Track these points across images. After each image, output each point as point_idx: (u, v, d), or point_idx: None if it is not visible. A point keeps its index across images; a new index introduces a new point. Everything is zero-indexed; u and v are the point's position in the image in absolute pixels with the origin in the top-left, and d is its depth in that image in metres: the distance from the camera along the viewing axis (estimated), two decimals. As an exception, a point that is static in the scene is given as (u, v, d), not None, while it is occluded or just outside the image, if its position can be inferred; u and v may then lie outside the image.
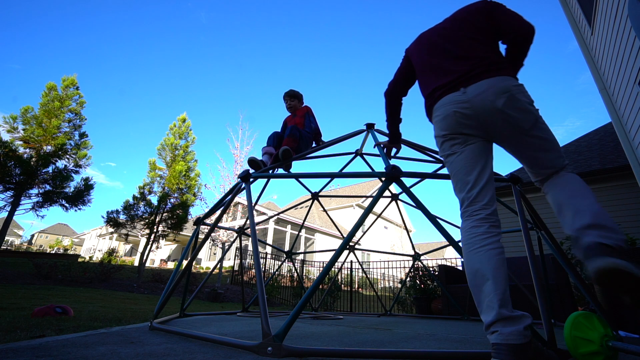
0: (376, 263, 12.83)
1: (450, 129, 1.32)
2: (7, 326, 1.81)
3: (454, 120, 1.30)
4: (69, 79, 11.61)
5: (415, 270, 5.75)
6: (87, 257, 22.02)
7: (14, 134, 10.22)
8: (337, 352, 1.22)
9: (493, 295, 1.04)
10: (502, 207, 7.69)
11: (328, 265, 1.47)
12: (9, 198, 9.71)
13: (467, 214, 1.24)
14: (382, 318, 3.58)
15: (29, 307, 2.98)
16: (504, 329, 0.99)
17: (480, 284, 1.09)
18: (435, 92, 1.39)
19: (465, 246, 1.19)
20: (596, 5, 3.69)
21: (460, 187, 1.29)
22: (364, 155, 3.61)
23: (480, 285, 1.09)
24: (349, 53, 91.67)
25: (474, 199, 1.24)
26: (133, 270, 10.97)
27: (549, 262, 3.43)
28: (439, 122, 1.36)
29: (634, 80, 3.07)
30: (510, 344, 0.96)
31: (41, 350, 1.13)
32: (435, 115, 1.38)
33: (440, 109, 1.35)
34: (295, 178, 3.08)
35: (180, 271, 2.41)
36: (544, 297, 1.40)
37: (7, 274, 6.68)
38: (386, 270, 12.00)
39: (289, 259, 4.41)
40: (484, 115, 1.25)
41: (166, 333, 1.71)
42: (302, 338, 1.68)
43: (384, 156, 2.04)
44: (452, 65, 1.37)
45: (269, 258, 10.39)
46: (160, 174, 12.00)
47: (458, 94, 1.30)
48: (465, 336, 1.87)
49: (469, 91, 1.27)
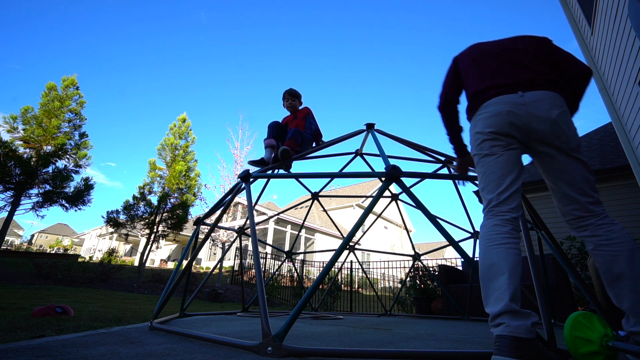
0: (376, 263, 12.83)
1: (497, 127, 1.29)
2: (7, 326, 1.81)
3: (505, 119, 1.28)
4: (69, 79, 11.61)
5: (415, 270, 5.75)
6: (87, 257, 22.02)
7: (14, 134, 10.22)
8: (337, 352, 1.22)
9: (505, 288, 1.03)
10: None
11: (328, 265, 1.47)
12: (9, 198, 9.71)
13: (492, 213, 1.23)
14: (382, 318, 3.58)
15: (29, 307, 2.98)
16: (511, 321, 0.98)
17: (494, 277, 1.08)
18: (488, 90, 1.37)
19: (485, 241, 1.18)
20: (596, 5, 3.68)
21: (490, 188, 1.27)
22: (364, 155, 3.61)
23: (494, 279, 1.08)
24: (348, 53, 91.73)
25: (503, 201, 1.23)
26: (133, 270, 10.97)
27: (549, 262, 3.43)
28: (487, 118, 1.33)
29: (634, 80, 3.07)
30: (516, 337, 0.95)
31: (41, 350, 1.13)
32: (483, 111, 1.35)
33: (491, 106, 1.33)
34: (295, 178, 3.08)
35: (180, 271, 2.41)
36: (544, 297, 1.40)
37: (7, 274, 6.68)
38: (386, 270, 12.00)
39: (289, 259, 4.41)
40: (536, 122, 1.24)
41: (166, 333, 1.71)
42: (302, 338, 1.68)
43: (384, 156, 2.04)
44: (512, 71, 1.37)
45: (269, 258, 10.39)
46: (160, 174, 12.00)
47: (515, 96, 1.29)
48: (465, 336, 1.87)
49: (526, 96, 1.27)
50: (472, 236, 3.48)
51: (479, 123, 1.37)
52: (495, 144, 1.30)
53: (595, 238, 1.20)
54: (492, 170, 1.28)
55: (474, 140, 1.38)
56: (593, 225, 1.21)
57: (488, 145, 1.31)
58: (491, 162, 1.29)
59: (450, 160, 2.95)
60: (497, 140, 1.30)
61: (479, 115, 1.37)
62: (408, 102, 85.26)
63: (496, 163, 1.28)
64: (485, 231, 1.20)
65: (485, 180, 1.30)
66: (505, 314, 0.99)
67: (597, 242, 1.19)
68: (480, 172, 1.34)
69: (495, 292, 1.05)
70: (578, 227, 1.26)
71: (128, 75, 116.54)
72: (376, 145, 2.33)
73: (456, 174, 1.89)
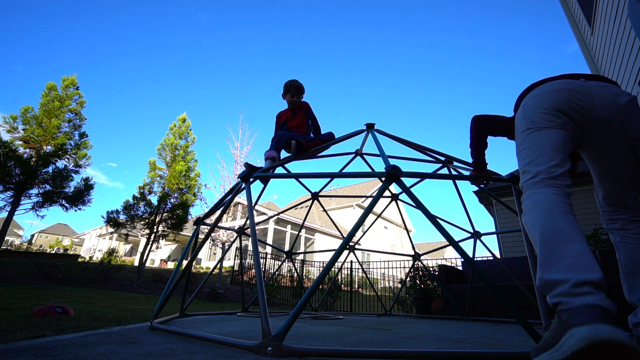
0: (376, 263, 12.83)
1: (557, 103, 1.20)
2: (7, 326, 1.81)
3: (566, 96, 1.19)
4: (69, 79, 11.61)
5: (415, 270, 5.75)
6: (87, 257, 22.01)
7: (14, 134, 10.23)
8: (337, 352, 1.21)
9: (591, 257, 0.88)
10: (502, 207, 7.68)
11: (328, 265, 1.47)
12: (9, 198, 9.72)
13: (546, 183, 1.09)
14: (382, 318, 3.58)
15: (29, 307, 2.98)
16: (601, 293, 0.82)
17: (567, 242, 0.93)
18: (547, 79, 1.32)
19: (548, 205, 1.02)
20: (596, 6, 3.69)
21: (540, 161, 1.14)
22: (364, 155, 3.61)
23: (567, 243, 0.93)
24: (348, 53, 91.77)
25: (558, 176, 1.10)
26: (133, 270, 10.97)
27: (549, 262, 3.42)
28: (545, 94, 1.23)
29: (634, 80, 3.07)
30: (611, 311, 0.79)
31: (41, 350, 1.13)
32: (542, 91, 1.26)
33: (551, 85, 1.25)
34: (295, 178, 3.08)
35: (180, 271, 2.41)
36: (544, 297, 1.40)
37: (7, 274, 6.68)
38: (386, 270, 12.00)
39: (289, 259, 4.41)
40: (601, 106, 1.16)
41: (166, 333, 1.71)
42: (302, 338, 1.68)
43: (384, 156, 2.04)
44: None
45: (269, 258, 10.39)
46: (160, 174, 12.01)
47: (578, 81, 1.22)
48: (465, 336, 1.87)
49: (590, 83, 1.21)
50: (472, 236, 3.48)
51: (534, 100, 1.26)
52: (551, 119, 1.19)
53: (624, 231, 1.20)
54: (545, 142, 1.16)
55: (525, 116, 1.26)
56: (625, 220, 1.22)
57: (545, 118, 1.20)
58: (546, 134, 1.17)
59: (450, 160, 2.95)
60: (554, 116, 1.19)
61: (536, 92, 1.27)
62: (408, 103, 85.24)
63: (552, 136, 1.16)
64: (544, 197, 1.05)
65: (533, 152, 1.17)
66: (594, 284, 0.83)
67: (625, 234, 1.20)
68: (527, 146, 1.21)
69: (572, 259, 0.89)
70: (611, 219, 1.25)
71: (128, 76, 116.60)
72: (376, 145, 2.33)
73: (456, 174, 1.90)
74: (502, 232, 6.81)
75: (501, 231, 5.94)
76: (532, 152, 1.18)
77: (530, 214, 1.05)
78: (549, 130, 1.18)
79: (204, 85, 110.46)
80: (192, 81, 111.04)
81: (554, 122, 1.18)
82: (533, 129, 1.21)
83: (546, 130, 1.18)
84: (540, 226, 0.99)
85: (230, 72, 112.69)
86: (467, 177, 1.89)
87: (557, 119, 1.19)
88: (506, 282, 3.51)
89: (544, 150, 1.15)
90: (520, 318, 1.18)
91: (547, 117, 1.20)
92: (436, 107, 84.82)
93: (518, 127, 1.30)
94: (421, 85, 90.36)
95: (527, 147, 1.20)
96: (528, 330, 1.17)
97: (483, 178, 1.84)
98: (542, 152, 1.15)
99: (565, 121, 1.19)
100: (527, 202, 1.09)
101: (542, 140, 1.17)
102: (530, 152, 1.19)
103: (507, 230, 5.76)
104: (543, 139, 1.17)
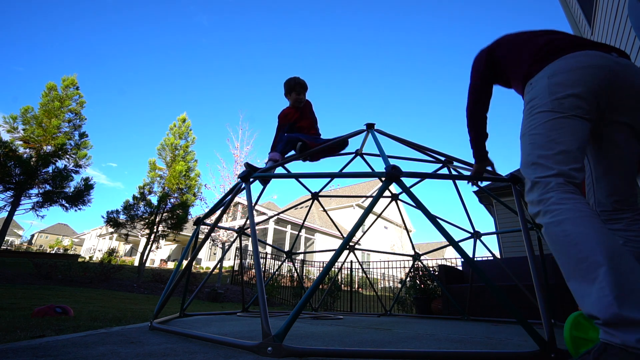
0: (376, 263, 12.83)
1: (593, 85, 1.03)
2: (7, 326, 1.81)
3: (605, 76, 1.02)
4: (69, 79, 11.61)
5: (415, 270, 5.75)
6: (87, 257, 22.01)
7: (14, 134, 10.23)
8: (337, 352, 1.21)
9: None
10: (502, 207, 7.67)
11: (328, 265, 1.47)
12: (9, 198, 9.72)
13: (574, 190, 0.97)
14: (382, 318, 3.58)
15: (29, 307, 2.98)
16: None
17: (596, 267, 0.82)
18: (573, 41, 1.11)
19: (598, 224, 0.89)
20: (596, 6, 3.69)
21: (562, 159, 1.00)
22: (364, 155, 3.61)
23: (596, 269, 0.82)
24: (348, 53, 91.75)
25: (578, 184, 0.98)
26: (133, 270, 10.97)
27: (549, 262, 3.42)
28: (583, 69, 1.04)
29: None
30: None
31: (41, 350, 1.13)
32: (578, 65, 1.06)
33: (590, 59, 1.05)
34: (295, 178, 3.07)
35: (180, 271, 2.41)
36: (544, 297, 1.40)
37: (7, 274, 6.68)
38: (386, 270, 12.00)
39: (289, 259, 4.41)
40: (629, 93, 1.03)
41: (166, 333, 1.71)
42: (302, 338, 1.68)
43: (384, 156, 2.03)
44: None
45: (269, 258, 10.39)
46: (160, 174, 12.01)
47: (611, 57, 1.06)
48: (465, 336, 1.87)
49: (623, 62, 1.06)
50: (472, 236, 3.48)
51: (566, 75, 1.06)
52: (581, 105, 1.03)
53: (627, 232, 1.11)
54: (573, 137, 1.01)
55: (551, 92, 1.07)
56: (629, 219, 1.13)
57: (574, 104, 1.03)
58: (574, 125, 1.02)
59: (450, 160, 2.95)
60: (586, 101, 1.03)
61: (570, 63, 1.07)
62: (408, 103, 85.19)
63: (579, 129, 1.02)
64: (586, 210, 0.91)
65: (556, 146, 1.02)
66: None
67: (629, 236, 1.11)
68: (547, 133, 1.04)
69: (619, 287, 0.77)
70: (613, 219, 1.15)
71: (128, 76, 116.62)
72: (376, 145, 2.32)
73: (456, 174, 1.89)
74: (502, 232, 6.81)
75: (501, 231, 5.94)
76: (554, 143, 1.02)
77: (572, 226, 0.89)
78: (577, 121, 1.03)
79: (204, 85, 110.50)
80: (192, 81, 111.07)
81: (583, 109, 1.03)
82: (560, 115, 1.03)
83: (574, 120, 1.03)
84: (604, 249, 0.84)
85: (230, 72, 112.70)
86: (465, 177, 1.85)
87: (587, 106, 1.03)
88: (506, 282, 3.51)
89: (570, 147, 1.00)
90: (520, 318, 1.18)
91: (578, 102, 1.03)
92: (436, 107, 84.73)
93: (537, 101, 1.11)
94: (421, 85, 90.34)
95: (546, 134, 1.04)
96: (528, 330, 1.17)
97: (484, 170, 1.73)
98: (568, 148, 1.00)
99: (593, 108, 1.04)
100: (560, 209, 0.93)
101: (569, 133, 1.02)
102: (551, 142, 1.03)
103: (507, 230, 5.77)
104: (571, 129, 1.02)
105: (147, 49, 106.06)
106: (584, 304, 0.86)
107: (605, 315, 0.79)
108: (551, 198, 0.96)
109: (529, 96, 1.16)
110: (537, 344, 1.14)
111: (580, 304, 0.89)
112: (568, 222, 0.91)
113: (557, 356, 1.12)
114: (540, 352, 1.13)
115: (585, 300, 0.85)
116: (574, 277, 0.88)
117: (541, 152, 1.04)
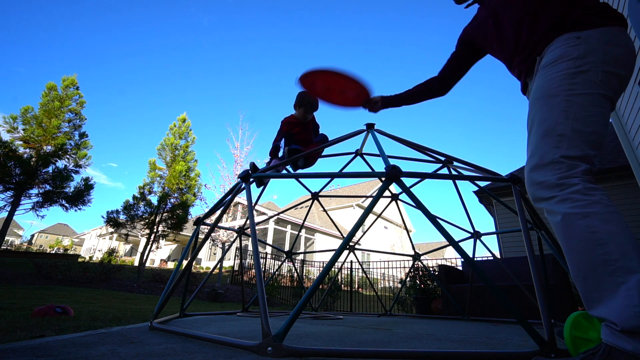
0: (376, 263, 12.83)
1: (629, 73, 0.93)
2: (7, 326, 1.81)
3: (632, 59, 0.93)
4: (69, 79, 11.61)
5: (415, 270, 5.75)
6: (87, 257, 22.02)
7: (14, 134, 10.23)
8: (337, 352, 1.21)
9: None
10: (502, 207, 7.67)
11: (328, 265, 1.47)
12: (9, 198, 9.72)
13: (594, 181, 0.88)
14: (382, 318, 3.58)
15: (29, 307, 2.98)
16: None
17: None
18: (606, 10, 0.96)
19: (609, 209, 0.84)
20: (596, 5, 3.68)
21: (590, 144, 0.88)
22: (364, 155, 3.60)
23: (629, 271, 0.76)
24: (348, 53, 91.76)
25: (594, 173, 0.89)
26: (133, 270, 10.97)
27: (549, 262, 3.43)
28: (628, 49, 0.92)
29: (633, 80, 3.07)
30: None
31: (41, 350, 1.13)
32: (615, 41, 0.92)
33: (625, 39, 0.92)
34: (295, 178, 3.08)
35: (180, 271, 2.41)
36: (544, 297, 1.40)
37: (7, 274, 6.68)
38: (386, 270, 12.00)
39: (289, 259, 4.41)
40: None
41: (166, 333, 1.71)
42: (302, 338, 1.68)
43: (384, 156, 2.03)
44: None
45: (269, 258, 10.39)
46: (160, 174, 12.02)
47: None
48: (465, 336, 1.87)
49: None
50: (472, 236, 3.47)
51: (618, 47, 0.92)
52: (617, 91, 0.93)
53: None
54: (604, 119, 0.90)
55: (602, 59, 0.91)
56: None
57: (614, 85, 0.92)
58: (606, 107, 0.91)
59: (450, 160, 2.95)
60: (619, 86, 0.93)
61: (619, 34, 0.93)
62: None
63: (607, 117, 0.91)
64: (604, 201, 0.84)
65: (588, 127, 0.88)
66: None
67: None
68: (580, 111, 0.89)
69: None
70: None
71: (128, 76, 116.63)
72: (376, 145, 2.32)
73: (456, 174, 1.89)
74: (502, 232, 6.81)
75: (501, 231, 5.94)
76: (592, 121, 0.88)
77: (601, 223, 0.82)
78: (609, 102, 0.90)
79: (204, 85, 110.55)
80: (192, 81, 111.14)
81: (617, 94, 0.92)
82: (604, 92, 0.89)
83: (606, 100, 0.90)
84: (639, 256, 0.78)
85: (231, 72, 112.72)
86: (465, 177, 1.88)
87: (618, 92, 0.93)
88: (506, 282, 3.51)
89: (603, 131, 0.88)
90: (520, 318, 1.18)
91: (618, 85, 0.91)
92: (436, 107, 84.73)
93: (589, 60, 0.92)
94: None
95: (587, 108, 0.89)
96: (528, 330, 1.17)
97: (374, 103, 1.89)
98: (602, 132, 0.88)
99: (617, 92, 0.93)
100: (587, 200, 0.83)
101: (604, 115, 0.89)
102: (589, 118, 0.88)
103: (507, 230, 5.76)
104: (605, 112, 0.89)
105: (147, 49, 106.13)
106: (597, 306, 0.81)
107: (627, 325, 0.74)
108: (576, 185, 0.85)
109: (577, 51, 0.94)
110: (537, 344, 1.14)
111: (589, 304, 0.84)
112: (596, 217, 0.82)
113: (557, 356, 1.12)
114: (540, 352, 1.13)
115: (602, 303, 0.79)
116: (591, 277, 0.81)
117: (576, 126, 0.88)
